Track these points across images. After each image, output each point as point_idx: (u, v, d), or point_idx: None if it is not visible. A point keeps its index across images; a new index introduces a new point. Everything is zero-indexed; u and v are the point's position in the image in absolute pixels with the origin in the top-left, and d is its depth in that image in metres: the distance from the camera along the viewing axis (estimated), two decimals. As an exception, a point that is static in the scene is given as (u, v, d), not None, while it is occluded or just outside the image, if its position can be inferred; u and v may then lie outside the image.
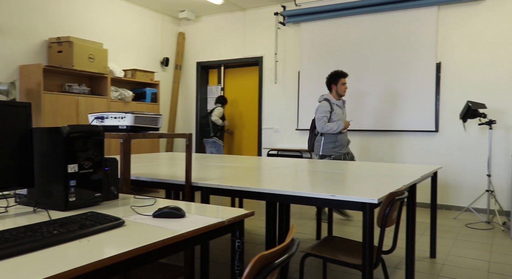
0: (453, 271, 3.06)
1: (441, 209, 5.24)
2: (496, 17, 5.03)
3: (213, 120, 6.30)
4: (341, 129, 4.33)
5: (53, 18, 5.29)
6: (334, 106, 4.39)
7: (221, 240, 3.72)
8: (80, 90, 5.32)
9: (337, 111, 4.39)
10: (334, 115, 4.37)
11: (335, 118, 4.37)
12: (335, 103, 4.40)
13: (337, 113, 4.39)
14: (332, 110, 4.36)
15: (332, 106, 4.38)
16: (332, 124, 4.34)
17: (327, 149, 4.40)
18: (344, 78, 4.39)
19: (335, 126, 4.33)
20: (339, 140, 4.40)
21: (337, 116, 4.37)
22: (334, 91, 4.42)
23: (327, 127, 4.33)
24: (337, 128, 4.32)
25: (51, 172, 1.44)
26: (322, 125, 4.35)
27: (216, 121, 6.29)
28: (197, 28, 7.28)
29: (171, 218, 1.35)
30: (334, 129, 4.33)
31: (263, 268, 0.92)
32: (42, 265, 0.90)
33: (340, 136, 4.41)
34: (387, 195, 1.86)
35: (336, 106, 4.40)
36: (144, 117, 1.97)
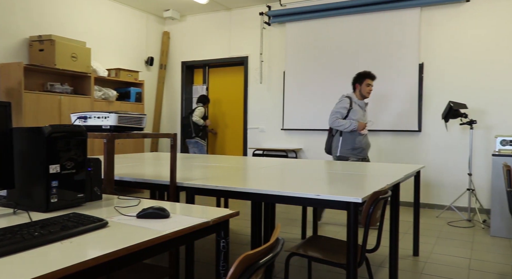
0: (435, 269, 3.11)
1: (424, 208, 5.33)
2: (477, 19, 5.14)
3: (194, 120, 6.23)
4: (352, 128, 4.12)
5: (34, 15, 5.19)
6: (355, 105, 4.19)
7: (206, 240, 3.71)
8: (63, 89, 5.23)
9: (356, 110, 4.19)
10: (352, 113, 4.16)
11: (353, 117, 4.16)
12: (357, 103, 4.21)
13: (356, 112, 4.19)
14: (350, 108, 4.16)
15: (352, 104, 4.18)
16: (344, 121, 4.15)
17: (346, 150, 4.19)
18: (370, 80, 4.20)
19: (347, 124, 4.12)
20: (357, 142, 4.18)
21: (356, 115, 4.17)
22: (358, 91, 4.24)
23: (337, 122, 4.16)
24: (348, 126, 4.12)
25: (32, 173, 1.42)
26: (333, 119, 4.18)
27: (197, 121, 6.22)
28: (182, 28, 7.24)
29: (156, 219, 1.34)
30: (345, 126, 4.12)
31: (247, 268, 0.92)
32: (22, 267, 0.88)
33: (359, 138, 4.19)
34: (371, 194, 1.88)
35: (356, 106, 4.20)
36: (128, 117, 1.95)
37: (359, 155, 4.21)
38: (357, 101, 4.23)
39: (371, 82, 4.22)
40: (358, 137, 4.19)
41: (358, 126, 4.13)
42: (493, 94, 5.05)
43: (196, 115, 6.23)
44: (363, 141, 4.22)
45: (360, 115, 4.21)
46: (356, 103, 4.21)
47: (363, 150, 4.23)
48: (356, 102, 4.22)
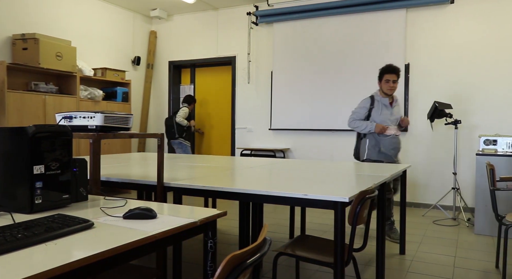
0: (421, 267, 3.15)
1: (410, 207, 5.39)
2: (462, 20, 5.22)
3: (177, 121, 6.13)
4: (369, 130, 3.84)
5: (18, 13, 5.10)
6: (377, 104, 3.90)
7: (194, 241, 3.69)
8: (48, 89, 5.16)
9: (379, 110, 3.89)
10: (375, 113, 3.88)
11: (376, 117, 3.87)
12: (380, 101, 3.90)
13: (379, 111, 3.88)
14: (372, 107, 3.89)
15: (374, 103, 3.91)
16: (360, 122, 3.89)
17: (373, 153, 3.89)
18: (389, 74, 3.82)
19: (363, 125, 3.86)
20: (383, 144, 3.87)
21: (379, 115, 3.87)
22: (380, 88, 3.94)
23: (353, 123, 3.93)
24: (364, 128, 3.86)
25: (16, 174, 1.39)
26: (350, 120, 3.96)
27: (180, 122, 6.12)
28: (169, 27, 7.19)
29: (142, 219, 1.33)
30: (362, 128, 3.87)
31: (235, 268, 0.92)
32: (5, 270, 0.86)
33: (384, 140, 3.87)
34: (358, 193, 1.89)
35: (380, 104, 3.89)
36: (115, 116, 1.93)
37: (386, 158, 3.89)
38: (381, 99, 3.91)
39: (391, 77, 3.82)
40: (382, 139, 3.88)
41: (376, 128, 3.83)
42: (477, 94, 5.14)
43: (179, 115, 6.15)
44: (388, 143, 3.89)
45: (384, 115, 3.88)
46: (379, 101, 3.91)
47: (390, 153, 3.90)
48: (380, 100, 3.91)
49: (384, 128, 3.82)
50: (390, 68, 3.85)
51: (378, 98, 3.93)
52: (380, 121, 3.85)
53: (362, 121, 3.90)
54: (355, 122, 3.92)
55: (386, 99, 3.92)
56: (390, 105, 3.94)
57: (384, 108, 3.90)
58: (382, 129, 3.81)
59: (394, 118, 3.95)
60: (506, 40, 5.01)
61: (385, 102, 3.91)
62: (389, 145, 3.88)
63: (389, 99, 3.94)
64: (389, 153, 3.89)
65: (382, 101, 3.91)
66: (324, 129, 5.93)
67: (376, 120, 3.86)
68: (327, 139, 5.96)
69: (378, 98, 3.93)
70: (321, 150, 6.01)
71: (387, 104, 3.91)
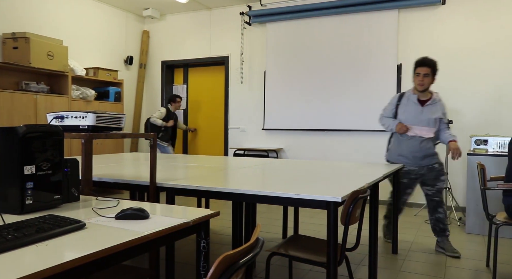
0: (413, 266, 3.17)
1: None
2: (453, 21, 5.26)
3: (151, 121, 6.00)
4: (391, 129, 3.53)
5: (8, 12, 5.05)
6: (405, 100, 3.52)
7: (187, 241, 3.68)
8: (39, 88, 5.11)
9: (405, 107, 3.50)
10: (400, 110, 3.52)
11: (400, 114, 3.50)
12: (409, 98, 3.51)
13: (405, 108, 3.50)
14: (398, 104, 3.54)
15: (402, 99, 3.55)
16: (386, 120, 3.58)
17: (393, 155, 3.60)
18: (420, 67, 3.43)
19: (387, 123, 3.55)
20: (402, 146, 3.51)
21: (404, 113, 3.49)
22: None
23: (381, 120, 3.64)
24: (388, 126, 3.55)
25: (6, 174, 1.38)
26: (379, 117, 3.69)
27: (154, 122, 5.96)
28: (162, 27, 7.17)
29: (135, 220, 1.32)
30: (386, 126, 3.57)
31: (227, 268, 0.92)
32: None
33: (406, 142, 3.48)
34: (351, 193, 1.90)
35: (408, 101, 3.50)
36: (107, 116, 1.92)
37: (408, 163, 3.50)
38: (411, 95, 3.51)
39: (422, 70, 3.41)
40: (405, 140, 3.50)
41: (396, 126, 3.47)
42: (468, 95, 5.18)
43: (154, 115, 6.01)
44: (408, 146, 3.48)
45: (409, 113, 3.48)
46: (408, 98, 3.52)
47: (410, 157, 3.49)
48: (410, 97, 3.51)
49: (404, 127, 3.42)
50: (420, 60, 3.45)
51: (408, 94, 3.55)
52: (404, 119, 3.47)
53: (389, 118, 3.57)
54: (382, 119, 3.63)
55: (415, 96, 3.49)
56: (421, 102, 3.47)
57: (412, 105, 3.48)
58: (401, 129, 3.43)
59: (426, 118, 3.45)
60: (497, 41, 5.06)
61: (413, 98, 3.49)
62: (408, 147, 3.48)
63: (421, 95, 3.48)
64: (409, 157, 3.49)
65: (410, 97, 3.51)
66: (317, 129, 5.95)
67: (400, 118, 3.50)
68: (320, 139, 5.98)
69: (408, 94, 3.55)
70: (314, 150, 6.03)
71: (416, 101, 3.47)
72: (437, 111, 3.48)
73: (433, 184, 3.53)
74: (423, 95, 3.48)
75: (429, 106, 3.47)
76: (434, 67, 3.43)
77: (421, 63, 3.44)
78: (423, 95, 3.49)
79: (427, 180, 3.55)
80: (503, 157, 4.00)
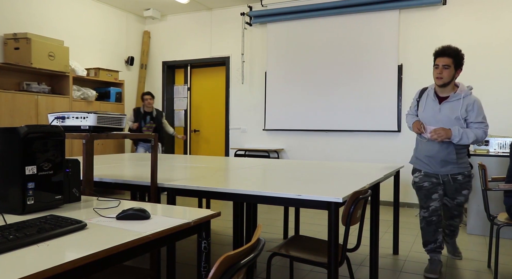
0: (414, 267, 3.17)
1: (403, 207, 5.42)
2: (454, 21, 5.26)
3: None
4: (409, 126, 3.11)
5: (9, 13, 5.06)
6: (426, 96, 3.04)
7: (188, 241, 3.68)
8: (40, 89, 5.12)
9: (424, 102, 3.02)
10: (420, 108, 3.07)
11: (420, 113, 3.05)
12: (429, 93, 3.02)
13: (423, 104, 3.03)
14: (419, 100, 3.09)
15: (422, 94, 3.08)
16: (409, 118, 3.16)
17: (413, 157, 3.18)
18: (439, 58, 2.90)
19: (409, 121, 3.13)
20: (420, 148, 3.07)
21: (422, 110, 3.03)
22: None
23: (406, 118, 3.23)
24: (408, 126, 3.13)
25: (8, 174, 1.38)
26: (406, 115, 3.26)
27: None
28: (163, 27, 7.17)
29: (136, 220, 1.32)
30: (408, 124, 3.15)
31: (228, 269, 0.92)
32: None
33: (424, 144, 3.00)
34: (352, 194, 1.90)
35: (428, 97, 3.02)
36: (108, 117, 1.92)
37: (426, 168, 3.02)
38: (431, 90, 3.02)
39: (440, 61, 2.88)
40: (421, 142, 3.05)
41: (412, 125, 3.01)
42: (469, 95, 5.17)
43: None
44: (423, 148, 3.01)
45: (428, 111, 2.97)
46: (428, 94, 3.03)
47: (429, 162, 2.99)
48: (429, 92, 3.03)
49: (419, 127, 2.94)
50: (440, 50, 2.91)
51: (429, 89, 3.05)
52: (423, 118, 2.99)
53: (412, 116, 3.12)
54: (406, 117, 3.20)
55: (433, 90, 3.01)
56: (439, 99, 2.95)
57: (430, 102, 2.98)
58: (415, 128, 2.97)
59: (444, 117, 2.89)
60: (497, 41, 5.05)
61: (431, 94, 3.00)
62: (424, 151, 3.00)
63: (441, 91, 2.96)
64: (425, 161, 3.02)
65: (430, 93, 3.02)
66: (318, 130, 5.95)
67: (420, 117, 3.03)
68: (321, 139, 5.98)
69: (429, 89, 3.05)
70: (315, 150, 6.03)
71: (434, 97, 2.97)
72: (459, 108, 2.88)
73: (452, 197, 3.06)
74: (443, 90, 2.94)
75: (449, 103, 2.91)
76: (457, 57, 2.87)
77: (441, 53, 2.89)
78: (444, 91, 2.94)
79: (447, 190, 3.04)
80: (505, 158, 4.00)
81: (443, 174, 2.98)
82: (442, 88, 2.93)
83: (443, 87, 2.92)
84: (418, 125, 2.94)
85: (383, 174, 2.68)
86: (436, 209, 2.95)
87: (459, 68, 2.91)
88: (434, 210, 2.95)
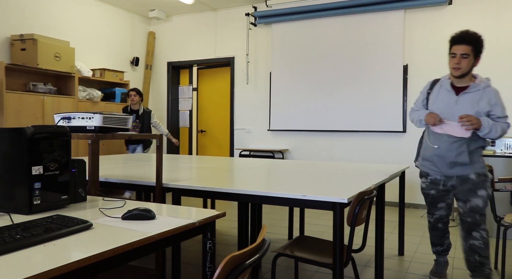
0: (420, 268, 3.15)
1: (408, 208, 5.39)
2: (460, 21, 5.22)
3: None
4: (420, 120, 2.69)
5: (16, 14, 5.09)
6: (439, 87, 2.67)
7: (193, 242, 3.69)
8: (46, 89, 5.15)
9: (437, 94, 2.65)
10: (431, 99, 2.69)
11: (430, 105, 2.68)
12: (443, 84, 2.65)
13: (436, 96, 2.66)
14: (430, 92, 2.71)
15: (434, 86, 2.71)
16: (415, 113, 2.78)
17: (419, 159, 2.86)
18: (456, 45, 2.55)
19: (416, 116, 2.75)
20: (426, 147, 2.73)
21: (433, 102, 2.66)
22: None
23: (410, 115, 2.85)
24: (417, 118, 2.74)
25: (14, 174, 1.39)
26: (409, 112, 2.91)
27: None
28: (168, 28, 7.19)
29: (141, 220, 1.33)
30: (415, 119, 2.76)
31: (234, 269, 0.92)
32: (4, 271, 0.86)
33: (433, 143, 2.65)
34: (357, 194, 1.89)
35: (441, 88, 2.65)
36: (113, 117, 1.93)
37: (433, 170, 2.69)
38: (445, 81, 2.66)
39: (458, 49, 2.53)
40: (432, 137, 2.67)
41: (426, 117, 2.62)
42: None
43: None
44: (435, 148, 2.62)
45: (440, 103, 2.62)
46: (442, 85, 2.67)
47: (437, 163, 2.64)
48: (443, 82, 2.67)
49: (435, 117, 2.55)
50: (458, 36, 2.57)
51: (443, 79, 2.70)
52: (434, 110, 2.64)
53: (418, 111, 2.76)
54: (411, 113, 2.83)
55: (448, 81, 2.63)
56: (456, 90, 2.59)
57: (445, 93, 2.62)
58: (431, 118, 2.56)
59: (462, 110, 2.53)
60: (504, 41, 5.02)
61: (446, 85, 2.63)
62: (431, 149, 2.67)
63: (457, 81, 2.59)
64: (433, 161, 2.66)
65: (444, 83, 2.66)
66: (323, 130, 5.93)
67: (431, 110, 2.67)
68: (326, 140, 5.96)
69: (443, 79, 2.70)
70: (320, 151, 6.01)
71: (449, 88, 2.61)
72: (479, 101, 2.53)
73: (464, 200, 2.61)
74: (460, 81, 2.59)
75: (468, 95, 2.55)
76: (477, 44, 2.55)
77: (458, 40, 2.53)
78: (461, 81, 2.59)
79: (458, 194, 2.65)
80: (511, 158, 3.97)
81: (452, 176, 2.63)
82: (459, 79, 2.59)
83: (460, 78, 2.58)
84: (436, 116, 2.55)
85: (388, 175, 2.67)
86: (441, 217, 2.83)
87: (479, 56, 2.58)
88: (439, 218, 2.84)
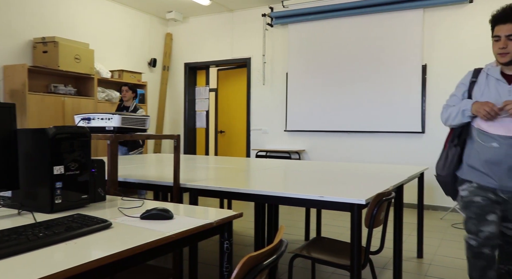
0: (439, 271, 3.10)
1: (427, 210, 5.31)
2: (481, 20, 5.12)
3: None
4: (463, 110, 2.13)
5: (38, 17, 5.22)
6: (484, 77, 2.18)
7: (210, 242, 3.71)
8: (66, 90, 5.25)
9: (483, 84, 2.16)
10: (476, 90, 2.18)
11: (477, 97, 2.16)
12: (491, 73, 2.16)
13: (482, 86, 2.16)
14: (474, 80, 2.22)
15: (479, 75, 2.22)
16: (451, 109, 2.23)
17: (463, 166, 2.23)
18: (499, 25, 2.07)
19: (453, 111, 2.19)
20: (475, 152, 2.13)
21: (480, 93, 2.15)
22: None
23: (444, 113, 2.28)
24: (456, 114, 2.17)
25: (37, 174, 1.42)
26: (442, 111, 2.32)
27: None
28: (185, 29, 7.25)
29: (159, 220, 1.34)
30: (453, 115, 2.19)
31: (251, 269, 0.92)
32: (27, 268, 0.88)
33: (483, 145, 2.07)
34: (375, 195, 1.87)
35: (488, 77, 2.16)
36: (132, 118, 1.95)
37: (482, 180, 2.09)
38: (492, 68, 2.18)
39: (502, 30, 2.05)
40: (478, 142, 2.11)
41: (473, 106, 2.08)
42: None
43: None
44: (486, 152, 2.05)
45: (491, 95, 2.10)
46: (488, 73, 2.17)
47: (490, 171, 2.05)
48: (490, 70, 2.18)
49: (490, 106, 1.99)
50: (500, 14, 2.09)
51: (489, 67, 2.21)
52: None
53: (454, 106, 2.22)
54: (446, 110, 2.27)
55: (498, 68, 2.14)
56: (507, 78, 2.10)
57: (493, 83, 2.13)
58: (484, 107, 2.00)
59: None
60: (527, 40, 4.89)
61: (494, 73, 2.14)
62: (483, 154, 2.07)
63: (507, 69, 2.11)
64: (484, 170, 2.07)
65: (490, 71, 2.17)
66: (340, 131, 5.89)
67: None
68: (343, 140, 5.92)
69: (489, 67, 2.21)
70: (337, 151, 5.97)
71: (499, 76, 2.11)
72: None
73: None
74: (510, 68, 2.10)
75: None
76: None
77: (502, 18, 2.06)
78: (510, 69, 2.10)
79: (507, 212, 2.08)
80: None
81: (509, 190, 2.02)
82: (508, 66, 2.09)
83: (509, 65, 2.08)
84: (491, 104, 1.99)
85: (407, 176, 2.63)
86: (491, 236, 2.01)
87: None
88: (488, 237, 2.01)
